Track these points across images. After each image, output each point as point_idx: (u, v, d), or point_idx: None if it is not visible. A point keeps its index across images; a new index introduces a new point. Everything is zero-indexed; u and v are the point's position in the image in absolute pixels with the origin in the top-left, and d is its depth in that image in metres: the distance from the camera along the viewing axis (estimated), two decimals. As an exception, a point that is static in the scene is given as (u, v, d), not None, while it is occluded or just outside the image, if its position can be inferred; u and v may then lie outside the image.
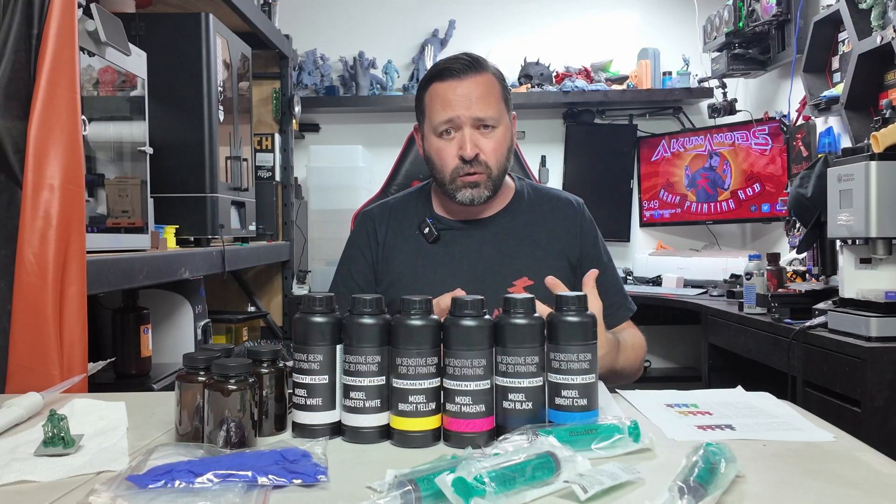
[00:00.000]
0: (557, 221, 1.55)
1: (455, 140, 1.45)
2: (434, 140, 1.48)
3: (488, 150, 1.45)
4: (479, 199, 1.47)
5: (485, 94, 1.45)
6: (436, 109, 1.47)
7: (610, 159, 3.97)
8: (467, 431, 0.92)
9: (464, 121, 1.44)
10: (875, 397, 1.82)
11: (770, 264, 2.52)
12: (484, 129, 1.45)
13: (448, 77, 1.46)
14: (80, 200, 1.41)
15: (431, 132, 1.49)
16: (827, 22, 2.82)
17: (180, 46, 2.25)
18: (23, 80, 1.37)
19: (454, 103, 1.44)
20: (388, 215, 1.59)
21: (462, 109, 1.44)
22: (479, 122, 1.45)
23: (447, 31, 3.91)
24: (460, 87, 1.45)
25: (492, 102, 1.46)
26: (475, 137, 1.45)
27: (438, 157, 1.48)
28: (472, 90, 1.45)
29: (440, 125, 1.46)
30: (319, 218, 3.65)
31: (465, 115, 1.44)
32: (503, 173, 1.50)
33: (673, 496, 0.69)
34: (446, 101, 1.45)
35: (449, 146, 1.46)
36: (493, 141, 1.46)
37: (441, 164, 1.48)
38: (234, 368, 0.89)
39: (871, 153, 1.94)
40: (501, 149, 1.48)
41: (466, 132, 1.44)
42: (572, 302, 0.95)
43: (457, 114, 1.44)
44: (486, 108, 1.45)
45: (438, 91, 1.47)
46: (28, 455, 0.88)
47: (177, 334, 2.21)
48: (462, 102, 1.44)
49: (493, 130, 1.46)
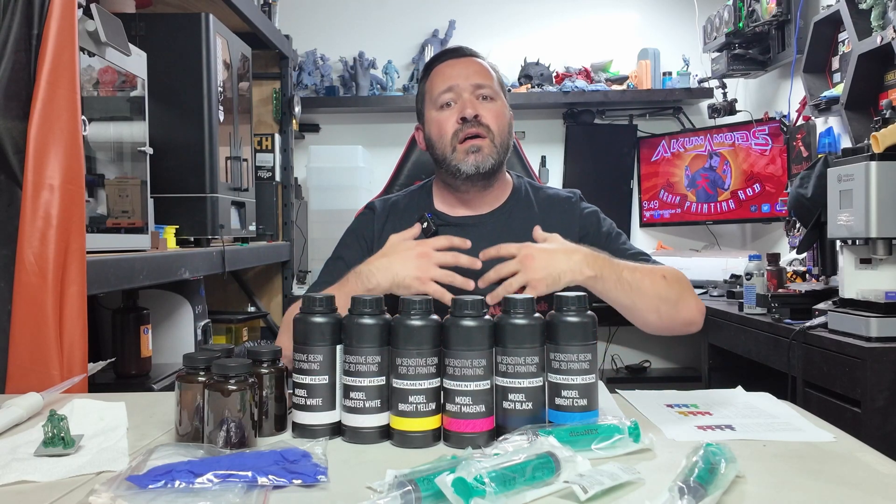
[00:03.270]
0: (555, 219, 1.54)
1: (455, 108, 1.47)
2: (435, 114, 1.50)
3: (489, 116, 1.47)
4: (483, 166, 1.45)
5: (482, 70, 1.51)
6: (436, 84, 1.50)
7: (610, 159, 3.97)
8: (467, 432, 0.92)
9: (463, 88, 1.47)
10: (875, 397, 1.82)
11: (770, 264, 2.52)
12: (483, 101, 1.48)
13: (449, 57, 1.53)
14: (80, 200, 1.41)
15: (432, 108, 1.50)
16: (827, 22, 2.82)
17: (180, 46, 2.25)
18: (23, 80, 1.37)
19: (454, 74, 1.49)
20: (389, 210, 1.59)
21: (461, 79, 1.48)
22: (478, 90, 1.48)
23: (447, 31, 3.91)
24: (458, 63, 1.51)
25: (489, 78, 1.51)
26: (475, 103, 1.47)
27: (439, 128, 1.48)
28: (471, 66, 1.51)
29: (440, 96, 1.48)
30: (319, 218, 3.65)
31: (465, 83, 1.47)
32: (505, 146, 1.50)
33: (673, 496, 0.69)
34: (446, 75, 1.50)
35: (450, 114, 1.48)
36: (494, 110, 1.48)
37: (441, 134, 1.48)
38: (234, 369, 0.89)
39: (871, 153, 1.94)
40: (502, 119, 1.49)
41: (466, 97, 1.47)
42: (572, 302, 0.95)
43: (456, 82, 1.48)
44: (485, 79, 1.49)
45: (438, 70, 1.52)
46: (28, 455, 0.88)
47: (177, 334, 2.21)
48: (461, 74, 1.49)
49: (493, 102, 1.49)
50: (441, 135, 1.48)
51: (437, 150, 1.50)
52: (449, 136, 1.46)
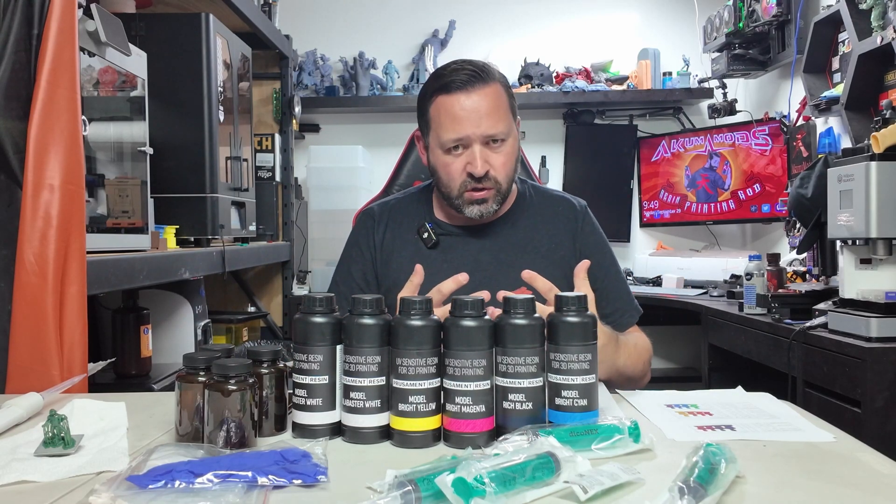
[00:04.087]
0: (559, 226, 1.54)
1: (463, 156, 1.42)
2: (441, 155, 1.45)
3: (498, 166, 1.43)
4: (487, 214, 1.46)
5: (493, 108, 1.41)
6: (444, 125, 1.42)
7: (610, 160, 3.97)
8: (467, 432, 0.92)
9: (474, 139, 1.40)
10: (875, 398, 1.82)
11: (770, 265, 2.52)
12: (493, 144, 1.43)
13: (455, 90, 1.41)
14: (81, 200, 1.41)
15: (438, 147, 1.45)
16: (827, 22, 2.82)
17: (180, 46, 2.25)
18: (23, 80, 1.37)
19: (463, 120, 1.40)
20: (388, 215, 1.58)
21: (472, 128, 1.40)
22: (488, 139, 1.42)
23: (447, 31, 3.91)
24: (468, 100, 1.40)
25: (501, 116, 1.42)
26: (485, 154, 1.41)
27: (446, 173, 1.45)
28: (481, 104, 1.40)
29: (448, 142, 1.42)
30: (319, 218, 3.65)
31: (476, 132, 1.40)
32: (510, 186, 1.49)
33: (673, 496, 0.69)
34: (455, 118, 1.41)
35: (457, 161, 1.43)
36: (503, 155, 1.44)
37: (448, 180, 1.45)
38: (234, 369, 0.89)
39: (872, 154, 1.94)
40: (510, 162, 1.46)
41: (476, 149, 1.41)
42: (572, 302, 0.95)
43: (466, 133, 1.40)
44: (496, 124, 1.41)
45: (445, 105, 1.42)
46: (28, 455, 0.88)
47: (177, 334, 2.21)
48: (471, 119, 1.40)
49: (503, 144, 1.44)
50: (448, 179, 1.45)
51: (441, 188, 1.48)
52: (456, 184, 1.44)
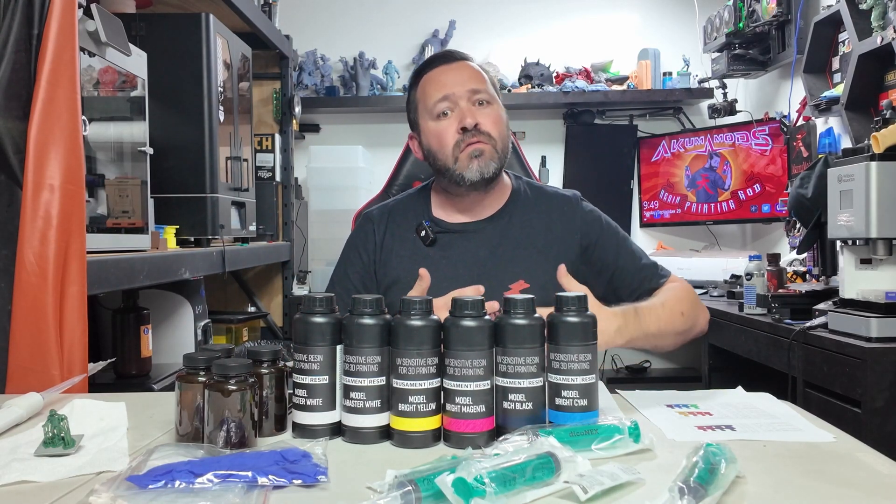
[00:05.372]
0: (555, 221, 1.54)
1: (453, 117, 1.46)
2: (432, 125, 1.48)
3: (488, 122, 1.46)
4: (487, 171, 1.45)
5: (474, 73, 1.49)
6: (430, 93, 1.48)
7: (610, 160, 3.97)
8: (467, 432, 0.92)
9: (460, 95, 1.46)
10: (875, 398, 1.82)
11: (770, 265, 2.52)
12: (479, 106, 1.47)
13: (439, 64, 1.51)
14: (81, 200, 1.41)
15: (428, 118, 1.49)
16: (827, 22, 2.82)
17: (180, 47, 2.25)
18: (23, 80, 1.37)
19: (448, 83, 1.47)
20: (386, 217, 1.58)
21: (457, 86, 1.46)
22: (474, 95, 1.46)
23: (447, 31, 3.91)
24: (449, 68, 1.49)
25: (482, 81, 1.49)
26: (472, 110, 1.46)
27: (438, 139, 1.47)
28: (463, 71, 1.49)
29: (436, 105, 1.47)
30: (319, 218, 3.65)
31: (460, 89, 1.46)
32: (506, 150, 1.50)
33: (673, 497, 0.69)
34: (439, 83, 1.48)
35: (448, 123, 1.46)
36: (492, 114, 1.47)
37: (441, 145, 1.47)
38: (235, 369, 0.89)
39: (872, 154, 1.94)
40: (500, 123, 1.48)
41: (464, 105, 1.46)
42: (572, 302, 0.95)
43: (452, 90, 1.46)
44: (480, 83, 1.48)
45: (430, 77, 1.50)
46: (28, 455, 0.88)
47: (177, 334, 2.21)
48: (456, 80, 1.47)
49: (490, 106, 1.48)
50: (441, 146, 1.47)
51: (438, 161, 1.49)
52: (450, 146, 1.45)
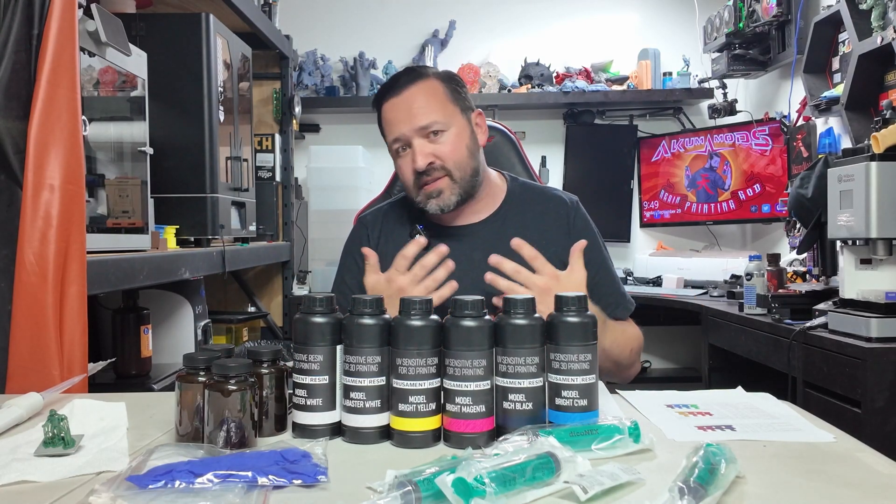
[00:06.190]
0: (549, 222, 1.54)
1: (408, 155, 1.46)
2: (395, 160, 1.51)
3: (444, 154, 1.44)
4: (446, 207, 1.46)
5: (425, 102, 1.45)
6: (386, 131, 1.50)
7: (610, 160, 3.97)
8: (467, 432, 0.92)
9: (409, 135, 1.44)
10: (875, 398, 1.82)
11: (770, 265, 2.52)
12: (433, 136, 1.45)
13: (389, 96, 1.48)
14: (81, 200, 1.41)
15: (391, 153, 1.51)
16: (827, 22, 2.82)
17: (180, 47, 2.25)
18: (23, 80, 1.37)
19: (396, 121, 1.46)
20: (380, 221, 1.60)
21: (405, 125, 1.44)
22: (425, 131, 1.44)
23: (447, 31, 3.91)
24: (400, 102, 1.46)
25: (435, 107, 1.45)
26: (424, 147, 1.44)
27: (401, 173, 1.50)
28: (412, 101, 1.45)
29: (392, 144, 1.49)
30: (320, 218, 3.65)
31: (409, 128, 1.44)
32: (471, 174, 1.48)
33: (673, 497, 0.69)
34: (390, 122, 1.47)
35: (405, 161, 1.47)
36: (448, 144, 1.45)
37: (404, 179, 1.50)
38: (235, 369, 0.89)
39: (872, 154, 1.94)
40: (458, 150, 1.46)
41: (415, 144, 1.44)
42: (572, 302, 0.95)
43: (401, 131, 1.45)
44: (429, 114, 1.44)
45: (384, 113, 1.49)
46: (28, 455, 0.88)
47: (177, 334, 2.21)
48: (404, 117, 1.45)
49: (444, 134, 1.45)
50: (405, 179, 1.50)
51: (406, 190, 1.52)
52: (411, 182, 1.47)
